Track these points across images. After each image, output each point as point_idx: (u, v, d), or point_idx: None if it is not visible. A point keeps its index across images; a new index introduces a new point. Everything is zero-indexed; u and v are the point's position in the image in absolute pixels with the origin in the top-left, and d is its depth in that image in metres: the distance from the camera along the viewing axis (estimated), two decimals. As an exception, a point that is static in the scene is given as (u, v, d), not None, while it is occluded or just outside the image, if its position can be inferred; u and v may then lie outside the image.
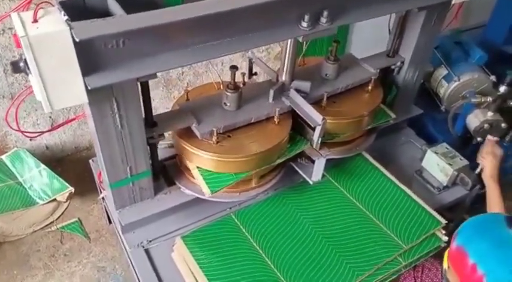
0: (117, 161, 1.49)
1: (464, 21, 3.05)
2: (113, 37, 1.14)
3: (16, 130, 1.39)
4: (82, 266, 2.19)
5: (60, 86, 1.16)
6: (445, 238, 1.77)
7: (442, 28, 2.02)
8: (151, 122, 1.55)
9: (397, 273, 1.69)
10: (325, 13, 1.44)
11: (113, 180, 1.54)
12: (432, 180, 2.03)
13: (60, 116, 2.52)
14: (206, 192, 1.62)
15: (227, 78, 1.69)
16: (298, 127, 1.77)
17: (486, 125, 2.12)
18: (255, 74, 1.97)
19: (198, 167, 1.67)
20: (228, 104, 1.67)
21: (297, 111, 1.70)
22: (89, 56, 1.16)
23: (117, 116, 1.35)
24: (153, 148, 1.64)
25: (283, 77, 1.77)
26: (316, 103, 1.79)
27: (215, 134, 1.59)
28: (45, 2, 1.23)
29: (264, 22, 1.38)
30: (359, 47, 2.98)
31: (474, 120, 2.17)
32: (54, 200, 2.38)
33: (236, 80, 1.65)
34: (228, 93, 1.65)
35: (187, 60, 1.30)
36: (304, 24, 1.43)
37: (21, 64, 1.16)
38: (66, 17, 1.12)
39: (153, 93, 2.73)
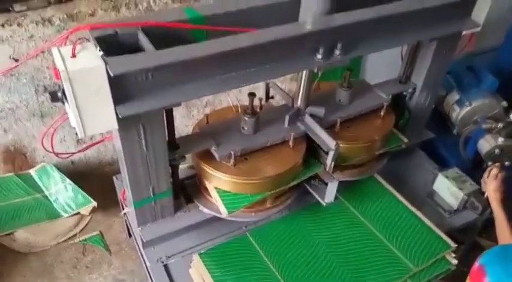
0: (141, 181, 1.58)
1: (482, 41, 3.03)
2: (143, 71, 1.25)
3: (51, 152, 1.51)
4: (103, 278, 2.28)
5: (93, 114, 1.26)
6: (455, 261, 1.81)
7: (457, 52, 2.06)
8: (173, 145, 1.64)
9: (407, 294, 1.74)
10: (339, 45, 1.53)
11: (136, 199, 1.63)
12: (443, 204, 2.07)
13: (85, 133, 2.64)
14: (223, 212, 1.70)
15: (244, 97, 1.76)
16: (313, 150, 1.85)
17: (497, 150, 2.16)
18: (272, 97, 2.06)
19: (216, 188, 1.75)
20: (246, 128, 1.76)
21: (311, 136, 1.78)
22: (121, 88, 1.26)
23: (143, 140, 1.45)
24: (174, 169, 1.73)
25: (299, 103, 1.85)
26: (330, 128, 1.86)
27: (233, 156, 1.67)
28: (82, 37, 1.35)
29: (281, 55, 1.47)
30: (374, 70, 3.05)
31: (485, 145, 2.22)
32: (78, 213, 2.50)
33: (254, 104, 1.73)
34: (246, 118, 1.73)
35: (210, 90, 1.40)
36: (319, 56, 1.52)
37: (59, 94, 1.27)
38: (101, 53, 1.23)
39: (174, 112, 2.85)
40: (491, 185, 1.77)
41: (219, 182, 1.72)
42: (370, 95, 2.00)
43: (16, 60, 2.23)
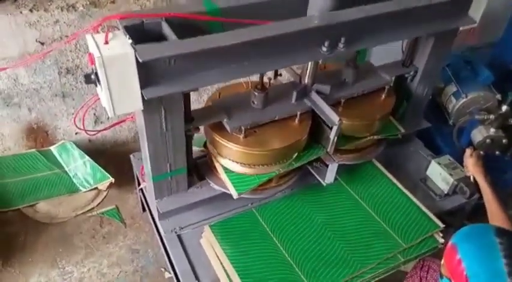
0: (160, 158, 1.75)
1: (484, 35, 3.08)
2: (167, 58, 1.41)
3: (82, 129, 1.68)
4: (118, 247, 2.47)
5: (122, 96, 1.42)
6: (442, 240, 1.98)
7: (458, 45, 2.16)
8: (189, 117, 1.75)
9: (397, 268, 1.91)
10: (343, 39, 1.67)
11: (155, 174, 1.80)
12: (435, 188, 2.23)
13: (103, 114, 2.82)
14: (233, 194, 1.86)
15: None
16: (317, 133, 1.99)
17: (488, 141, 2.31)
18: (280, 74, 2.16)
19: (225, 171, 1.91)
20: (256, 103, 1.87)
21: (317, 112, 1.88)
22: (146, 73, 1.42)
23: (163, 120, 1.61)
24: (188, 140, 1.82)
25: (306, 80, 1.95)
26: (334, 105, 1.93)
27: (243, 129, 1.79)
28: (110, 25, 1.51)
29: (290, 46, 1.62)
30: (380, 55, 3.13)
31: (478, 135, 2.36)
32: (95, 188, 2.68)
33: (264, 81, 1.84)
34: (256, 93, 1.84)
35: (226, 77, 1.56)
36: (324, 48, 1.66)
37: (93, 77, 1.44)
38: (130, 41, 1.39)
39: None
40: (469, 163, 1.96)
41: (229, 152, 1.85)
42: (374, 76, 2.11)
43: (42, 44, 2.39)
